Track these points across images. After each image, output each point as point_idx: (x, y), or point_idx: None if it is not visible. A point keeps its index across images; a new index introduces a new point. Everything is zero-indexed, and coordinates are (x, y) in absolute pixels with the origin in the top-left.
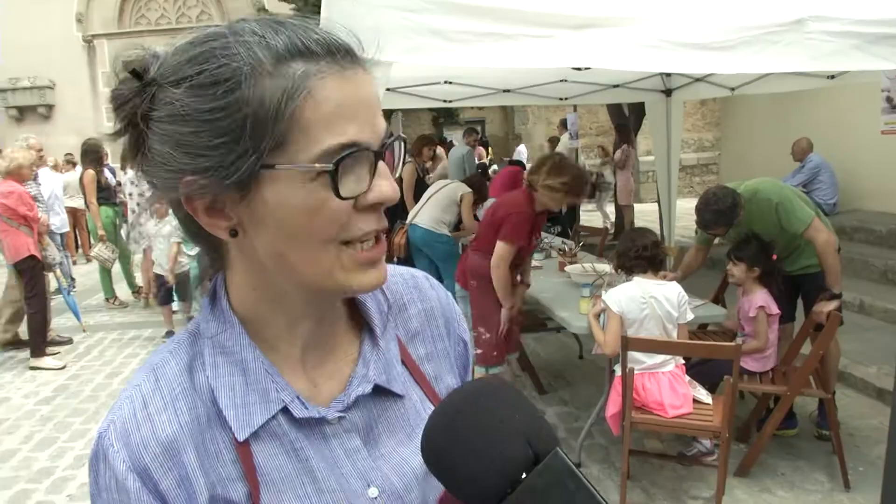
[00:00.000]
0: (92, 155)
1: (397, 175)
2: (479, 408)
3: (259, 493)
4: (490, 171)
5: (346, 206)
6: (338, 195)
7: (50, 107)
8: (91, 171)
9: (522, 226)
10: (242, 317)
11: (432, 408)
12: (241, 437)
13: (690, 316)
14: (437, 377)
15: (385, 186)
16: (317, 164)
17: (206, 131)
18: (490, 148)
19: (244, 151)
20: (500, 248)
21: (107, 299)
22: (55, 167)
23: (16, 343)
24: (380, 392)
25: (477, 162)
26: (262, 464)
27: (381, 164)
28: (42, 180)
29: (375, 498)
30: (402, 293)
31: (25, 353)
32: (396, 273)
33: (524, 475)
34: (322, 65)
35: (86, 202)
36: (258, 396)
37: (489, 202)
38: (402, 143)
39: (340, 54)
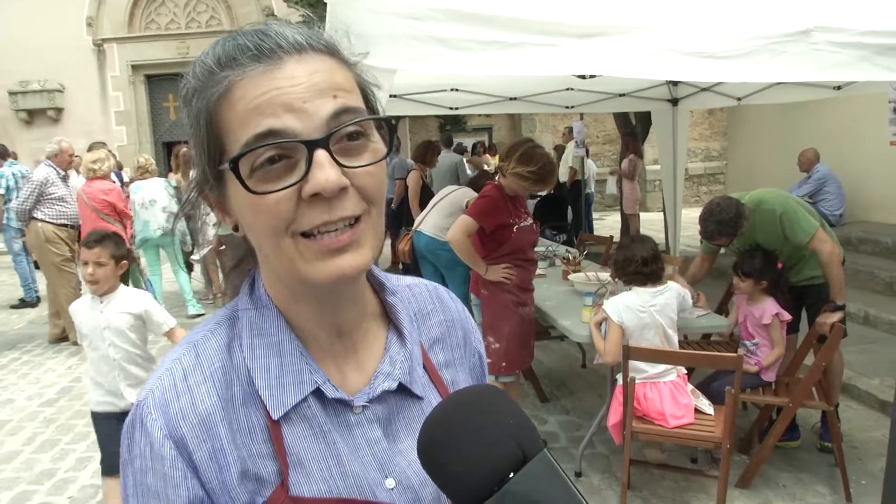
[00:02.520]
0: None
1: (383, 157)
2: (475, 410)
3: (287, 471)
4: (496, 178)
5: (285, 199)
6: (247, 189)
7: (59, 110)
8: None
9: (487, 205)
10: (276, 304)
11: None
12: (275, 416)
13: (691, 307)
14: (453, 383)
15: (319, 176)
16: (224, 165)
17: (193, 141)
18: (498, 156)
19: (207, 157)
20: (461, 219)
21: None
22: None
23: (63, 338)
24: (401, 391)
25: (484, 168)
26: (292, 444)
27: (319, 153)
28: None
29: (392, 489)
30: (426, 302)
31: (30, 356)
32: (421, 283)
33: (512, 474)
34: (243, 69)
35: None
36: (292, 377)
37: None
38: (387, 124)
39: (265, 53)
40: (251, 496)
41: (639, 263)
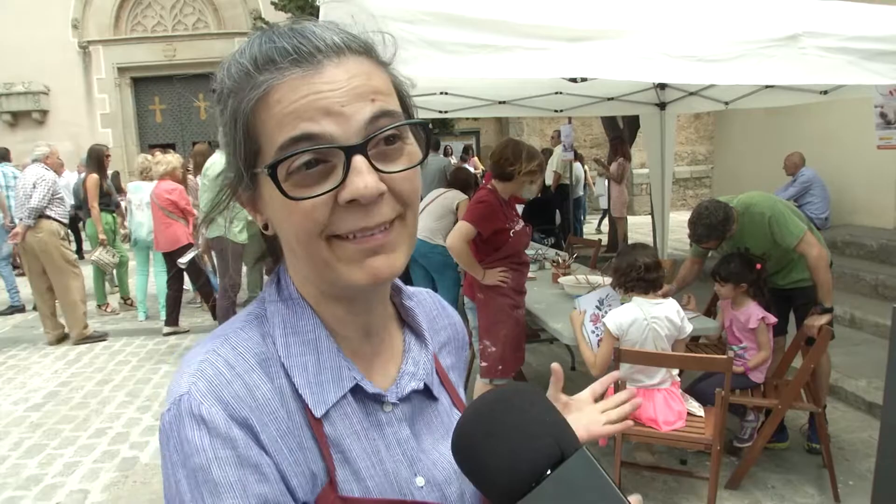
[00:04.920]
0: (94, 160)
1: (418, 161)
2: (514, 407)
3: (335, 468)
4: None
5: (321, 204)
6: (284, 195)
7: (44, 112)
8: (94, 176)
9: (485, 210)
10: (307, 300)
11: (457, 413)
12: (317, 414)
13: (689, 328)
14: (458, 385)
15: (357, 182)
16: (261, 168)
17: (226, 140)
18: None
19: (243, 158)
20: (460, 225)
21: (98, 306)
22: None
23: (64, 337)
24: (423, 392)
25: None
26: (336, 442)
27: (357, 158)
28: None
29: (422, 487)
30: (432, 308)
31: (15, 360)
32: (422, 291)
33: (549, 472)
34: (281, 72)
35: (86, 206)
36: (331, 375)
37: None
38: (424, 128)
39: (304, 56)
40: (306, 490)
41: (641, 270)
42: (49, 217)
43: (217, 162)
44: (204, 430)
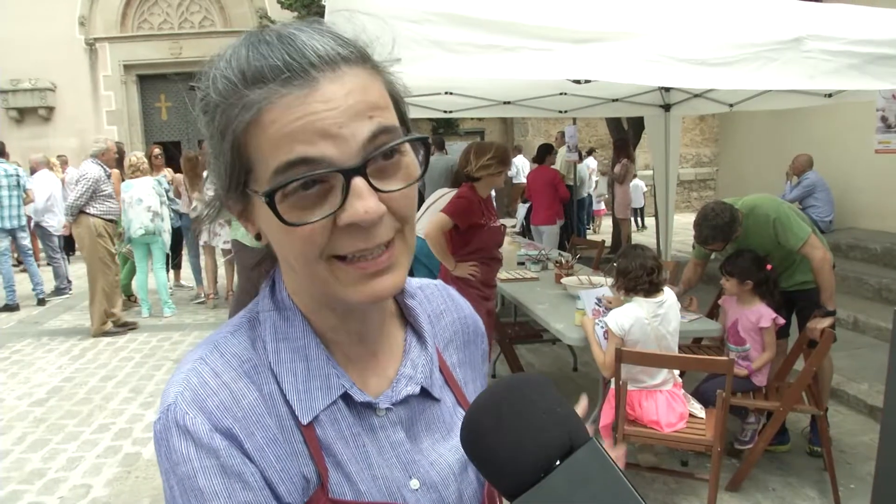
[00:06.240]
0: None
1: (418, 178)
2: (525, 397)
3: (327, 471)
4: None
5: (320, 227)
6: (282, 221)
7: (50, 109)
8: (116, 171)
9: (463, 205)
10: (300, 308)
11: (462, 412)
12: (304, 421)
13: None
14: (465, 383)
15: (358, 207)
16: (256, 191)
17: (213, 154)
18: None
19: (230, 175)
20: (438, 216)
21: None
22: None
23: (107, 332)
24: (421, 393)
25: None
26: (326, 447)
27: (357, 181)
28: (39, 182)
29: (417, 489)
30: (439, 302)
31: (20, 355)
32: (430, 283)
33: (558, 462)
34: (273, 88)
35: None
36: (320, 382)
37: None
38: (423, 143)
39: (296, 73)
40: (296, 495)
41: (648, 272)
42: (88, 213)
43: None
44: (189, 441)
